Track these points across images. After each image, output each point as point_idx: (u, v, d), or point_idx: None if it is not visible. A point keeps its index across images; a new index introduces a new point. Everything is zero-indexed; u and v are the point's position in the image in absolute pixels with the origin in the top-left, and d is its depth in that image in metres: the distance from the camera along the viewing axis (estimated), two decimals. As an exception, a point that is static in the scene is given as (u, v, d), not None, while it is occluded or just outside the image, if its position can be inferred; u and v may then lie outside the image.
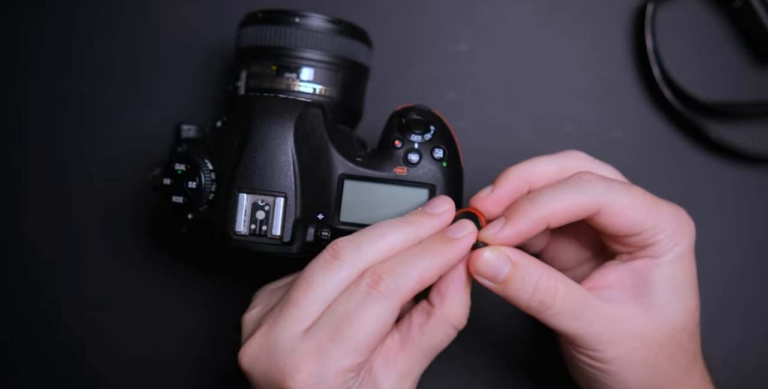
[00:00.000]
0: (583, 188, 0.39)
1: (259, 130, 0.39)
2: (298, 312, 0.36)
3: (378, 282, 0.36)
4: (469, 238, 0.38)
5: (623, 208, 0.39)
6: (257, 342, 0.37)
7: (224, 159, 0.40)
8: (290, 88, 0.43)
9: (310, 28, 0.43)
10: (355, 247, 0.37)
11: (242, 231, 0.39)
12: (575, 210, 0.39)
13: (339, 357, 0.35)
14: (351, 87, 0.45)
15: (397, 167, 0.42)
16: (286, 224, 0.39)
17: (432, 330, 0.38)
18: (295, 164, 0.39)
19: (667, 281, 0.40)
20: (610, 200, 0.39)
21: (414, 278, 0.36)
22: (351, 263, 0.37)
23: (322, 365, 0.35)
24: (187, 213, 0.42)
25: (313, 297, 0.36)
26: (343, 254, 0.37)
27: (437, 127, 0.43)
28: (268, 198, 0.39)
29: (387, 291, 0.36)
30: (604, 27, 0.54)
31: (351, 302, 0.36)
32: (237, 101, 0.42)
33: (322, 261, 0.37)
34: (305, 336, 0.36)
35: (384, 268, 0.36)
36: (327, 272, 0.37)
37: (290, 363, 0.36)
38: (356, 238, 0.37)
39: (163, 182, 0.42)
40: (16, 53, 0.54)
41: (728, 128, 0.52)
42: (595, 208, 0.39)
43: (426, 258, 0.37)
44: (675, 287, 0.40)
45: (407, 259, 0.37)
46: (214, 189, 0.41)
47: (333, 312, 0.36)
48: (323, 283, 0.36)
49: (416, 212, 0.39)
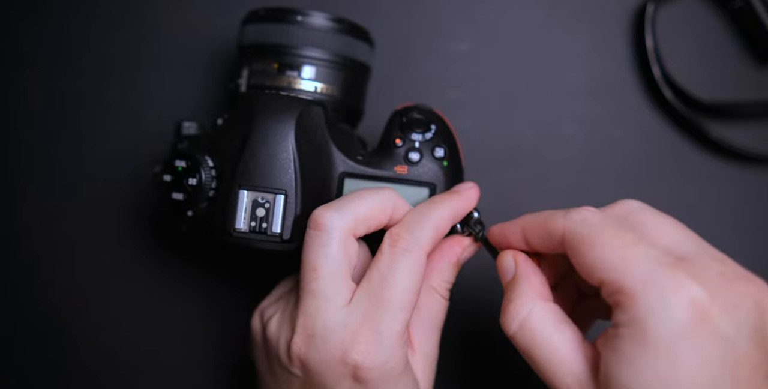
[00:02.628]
0: (565, 215, 0.35)
1: (260, 127, 0.39)
2: (323, 294, 0.37)
3: (398, 240, 0.38)
4: (473, 191, 0.41)
5: (587, 244, 0.33)
6: (303, 333, 0.37)
7: (225, 156, 0.40)
8: (291, 86, 0.43)
9: (313, 26, 0.43)
10: (335, 212, 0.38)
11: (242, 228, 0.39)
12: (545, 231, 0.35)
13: (389, 320, 0.37)
14: (352, 86, 0.45)
15: (398, 165, 0.42)
16: (287, 222, 0.39)
17: (425, 302, 0.41)
18: (296, 162, 0.39)
19: (617, 367, 0.30)
20: (577, 231, 0.33)
21: (429, 227, 0.39)
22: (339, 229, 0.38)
23: (376, 332, 0.37)
24: (188, 210, 0.42)
25: (322, 277, 0.37)
26: (326, 224, 0.38)
27: (438, 126, 0.43)
28: (269, 195, 0.39)
29: (409, 245, 0.38)
30: (604, 27, 0.54)
31: (381, 265, 0.37)
32: (238, 98, 0.42)
33: (309, 239, 0.38)
34: (349, 309, 0.37)
35: (399, 227, 0.39)
36: (320, 248, 0.38)
37: (347, 338, 0.37)
38: (337, 206, 0.38)
39: (164, 178, 0.42)
40: (16, 53, 0.54)
41: (728, 128, 0.52)
42: (558, 235, 0.34)
43: (436, 209, 0.39)
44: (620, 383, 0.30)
45: (419, 214, 0.39)
46: (215, 186, 0.41)
47: (368, 280, 0.37)
48: (324, 262, 0.38)
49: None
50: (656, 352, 0.29)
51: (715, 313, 0.29)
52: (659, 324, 0.29)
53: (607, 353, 0.31)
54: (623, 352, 0.30)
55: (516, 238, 0.38)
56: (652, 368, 0.29)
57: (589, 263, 0.32)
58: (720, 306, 0.29)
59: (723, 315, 0.29)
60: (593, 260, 0.32)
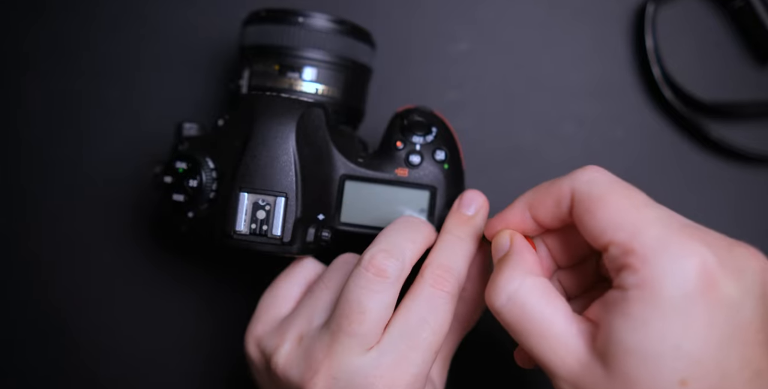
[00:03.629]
0: (571, 176, 0.34)
1: (261, 129, 0.39)
2: (361, 337, 0.36)
3: (441, 282, 0.37)
4: (480, 216, 0.40)
5: (596, 203, 0.32)
6: (326, 374, 0.35)
7: (226, 158, 0.40)
8: (293, 88, 0.43)
9: (314, 28, 0.43)
10: (395, 259, 0.36)
11: (243, 231, 0.39)
12: (552, 198, 0.34)
13: (423, 362, 0.36)
14: (353, 88, 0.45)
15: (399, 168, 0.42)
16: (287, 224, 0.39)
17: (464, 311, 0.40)
18: (297, 164, 0.39)
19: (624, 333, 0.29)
20: (585, 190, 0.33)
21: (464, 266, 0.38)
22: (397, 277, 0.36)
23: (411, 375, 0.35)
24: (188, 212, 0.42)
25: (369, 321, 0.36)
26: (388, 271, 0.36)
27: (439, 129, 0.43)
28: (269, 198, 0.39)
29: (453, 289, 0.37)
30: (604, 27, 0.54)
31: (421, 307, 0.36)
32: (239, 99, 0.42)
33: (365, 282, 0.36)
34: (378, 351, 0.36)
35: (441, 268, 0.37)
36: (376, 294, 0.36)
37: (378, 383, 0.35)
38: (393, 250, 0.37)
39: (164, 180, 0.42)
40: (16, 53, 0.54)
41: (728, 128, 0.52)
42: (566, 200, 0.33)
43: (466, 247, 0.39)
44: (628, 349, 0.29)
45: (454, 253, 0.38)
46: (215, 188, 0.41)
47: (405, 321, 0.36)
48: (377, 307, 0.36)
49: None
50: (670, 313, 0.29)
51: (723, 277, 0.29)
52: (673, 285, 0.29)
53: (612, 318, 0.30)
54: (633, 315, 0.29)
55: (521, 218, 0.36)
56: (665, 329, 0.29)
57: (599, 224, 0.31)
58: (728, 270, 0.30)
59: (730, 279, 0.29)
60: (602, 221, 0.31)
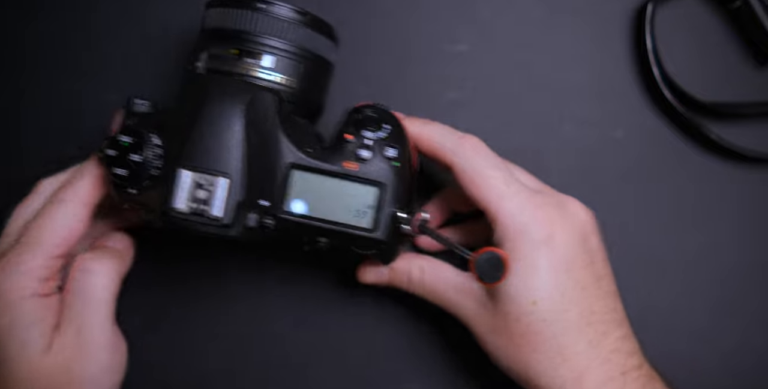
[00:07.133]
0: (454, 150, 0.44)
1: (210, 109, 0.39)
2: None
3: None
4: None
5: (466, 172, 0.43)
6: None
7: (172, 136, 0.40)
8: (249, 74, 0.42)
9: (275, 15, 0.42)
10: None
11: (182, 209, 0.39)
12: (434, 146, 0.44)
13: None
14: (312, 80, 0.44)
15: (348, 161, 0.42)
16: (227, 206, 0.39)
17: None
18: (243, 147, 0.39)
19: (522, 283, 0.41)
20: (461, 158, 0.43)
21: None
22: None
23: None
24: (130, 187, 0.41)
25: None
26: None
27: (393, 127, 0.42)
28: (211, 178, 0.39)
29: None
30: (604, 27, 0.54)
31: None
32: (193, 80, 0.42)
33: None
34: None
35: None
36: None
37: None
38: None
39: (108, 153, 0.41)
40: (15, 53, 0.54)
41: (728, 128, 0.52)
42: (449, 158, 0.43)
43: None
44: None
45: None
46: (159, 165, 0.40)
47: None
48: None
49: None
50: (521, 259, 0.41)
51: (558, 229, 0.42)
52: (524, 240, 0.41)
53: None
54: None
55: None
56: (520, 270, 0.41)
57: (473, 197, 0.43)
58: (560, 225, 0.42)
59: (563, 230, 0.42)
60: (476, 196, 0.43)
